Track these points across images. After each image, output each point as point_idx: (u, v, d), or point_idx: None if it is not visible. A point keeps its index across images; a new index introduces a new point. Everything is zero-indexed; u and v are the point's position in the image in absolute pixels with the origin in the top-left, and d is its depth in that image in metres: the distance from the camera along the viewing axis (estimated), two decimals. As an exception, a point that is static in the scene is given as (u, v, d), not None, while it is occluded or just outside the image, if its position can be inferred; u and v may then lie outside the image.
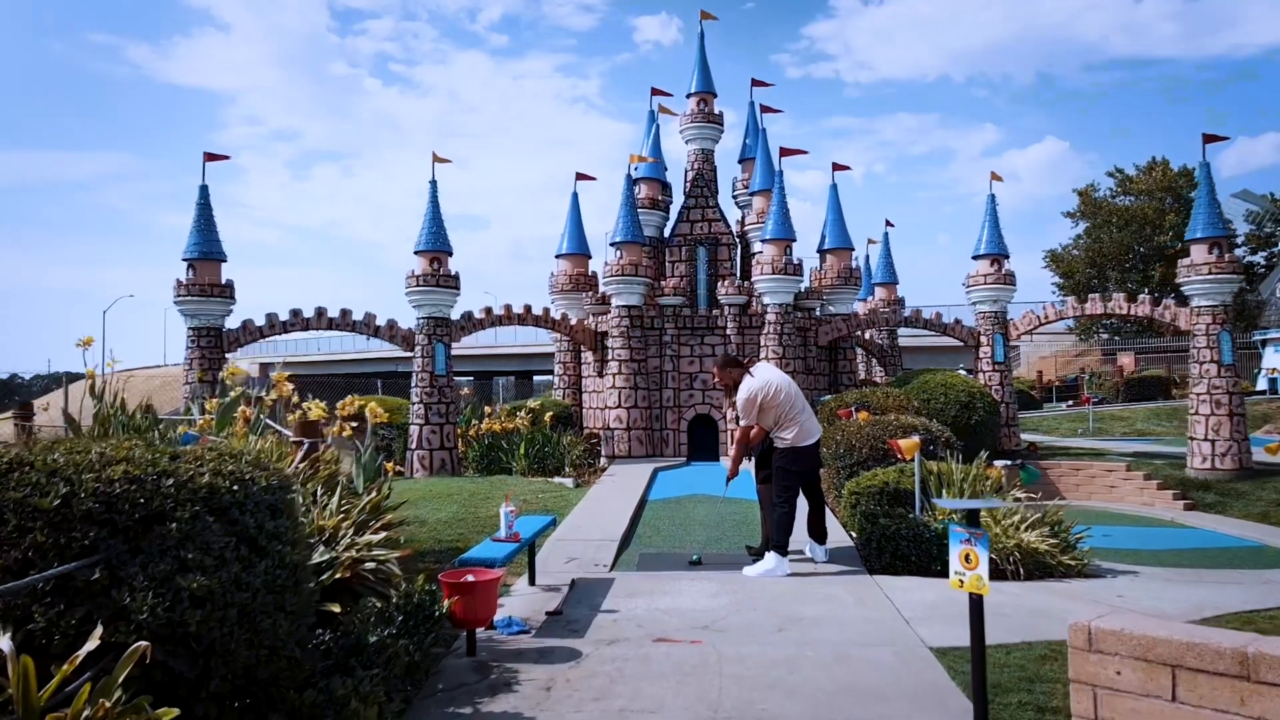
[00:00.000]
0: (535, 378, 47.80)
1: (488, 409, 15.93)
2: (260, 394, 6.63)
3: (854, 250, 17.31)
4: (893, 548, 6.68)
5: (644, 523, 8.65)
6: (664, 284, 15.55)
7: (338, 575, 4.19)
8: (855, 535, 7.45)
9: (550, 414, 14.30)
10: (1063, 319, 17.35)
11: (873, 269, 20.78)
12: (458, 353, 19.06)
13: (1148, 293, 14.23)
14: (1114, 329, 40.51)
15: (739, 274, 16.89)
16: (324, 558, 4.21)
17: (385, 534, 4.91)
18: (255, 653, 2.86)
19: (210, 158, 13.17)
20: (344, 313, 14.23)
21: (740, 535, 7.94)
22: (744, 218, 18.32)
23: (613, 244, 15.33)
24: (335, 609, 4.04)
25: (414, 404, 13.60)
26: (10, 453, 2.84)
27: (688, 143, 17.37)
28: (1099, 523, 9.41)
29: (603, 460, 13.90)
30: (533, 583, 6.21)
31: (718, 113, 17.38)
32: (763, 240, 15.21)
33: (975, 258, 15.37)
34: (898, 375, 16.62)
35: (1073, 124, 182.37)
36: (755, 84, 18.47)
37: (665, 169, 17.86)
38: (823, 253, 17.19)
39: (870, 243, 21.67)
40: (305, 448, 5.42)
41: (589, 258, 17.22)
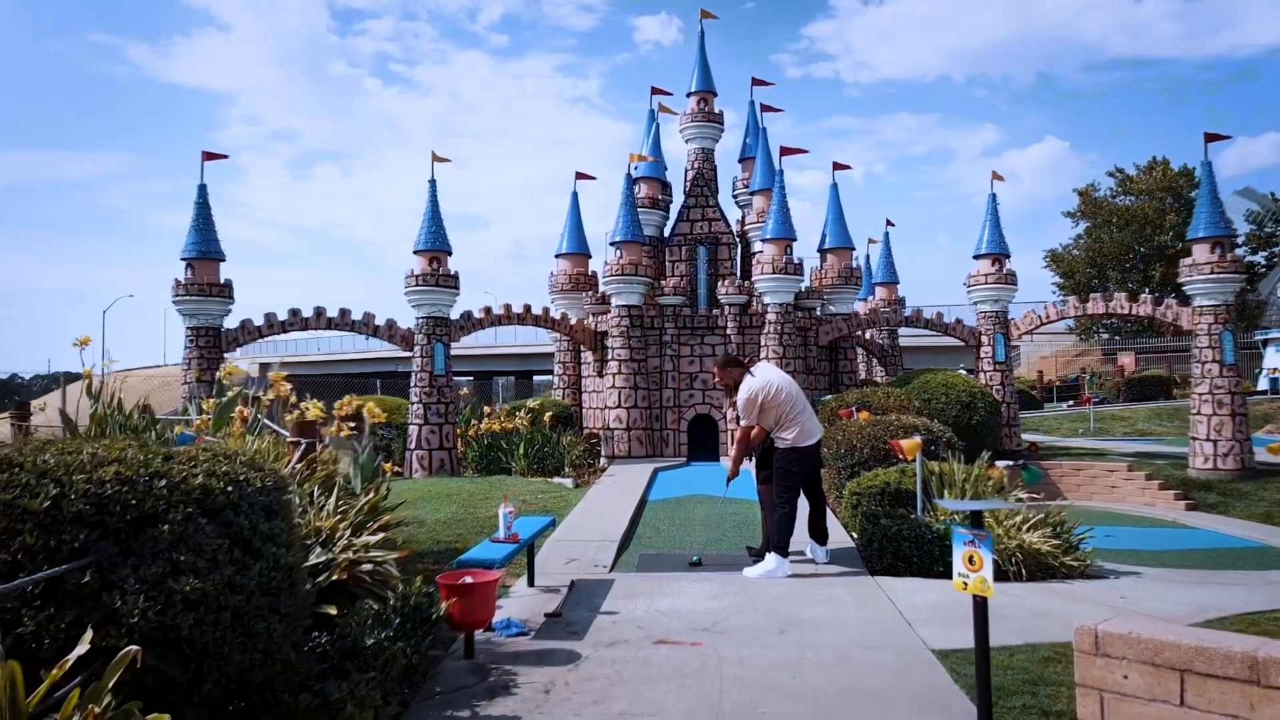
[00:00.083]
0: (535, 378, 47.76)
1: (487, 409, 15.89)
2: (258, 394, 6.59)
3: (854, 250, 17.27)
4: (894, 549, 6.63)
5: (644, 523, 8.61)
6: (664, 284, 15.51)
7: (334, 577, 4.15)
8: (856, 536, 7.41)
9: (550, 414, 14.26)
10: (1064, 319, 17.33)
11: (873, 269, 20.73)
12: (457, 353, 19.01)
13: (1148, 292, 14.16)
14: (1114, 329, 40.46)
15: (739, 274, 16.85)
16: (320, 559, 4.18)
17: (383, 535, 4.88)
18: (249, 656, 2.82)
19: (208, 157, 13.13)
20: (343, 312, 14.19)
21: (740, 536, 7.89)
22: (744, 217, 18.27)
23: (613, 243, 15.28)
24: (332, 611, 4.00)
25: (413, 404, 13.56)
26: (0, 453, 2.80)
27: (688, 142, 17.32)
28: (1101, 523, 9.36)
29: (602, 460, 13.86)
30: (532, 584, 6.17)
31: (718, 112, 17.33)
32: (763, 240, 15.17)
33: (976, 257, 15.34)
34: (898, 375, 16.58)
35: (1073, 124, 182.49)
36: (755, 83, 18.43)
37: (665, 168, 17.81)
38: (823, 252, 17.15)
39: (871, 242, 21.64)
40: (302, 448, 5.37)
41: (589, 257, 17.17)
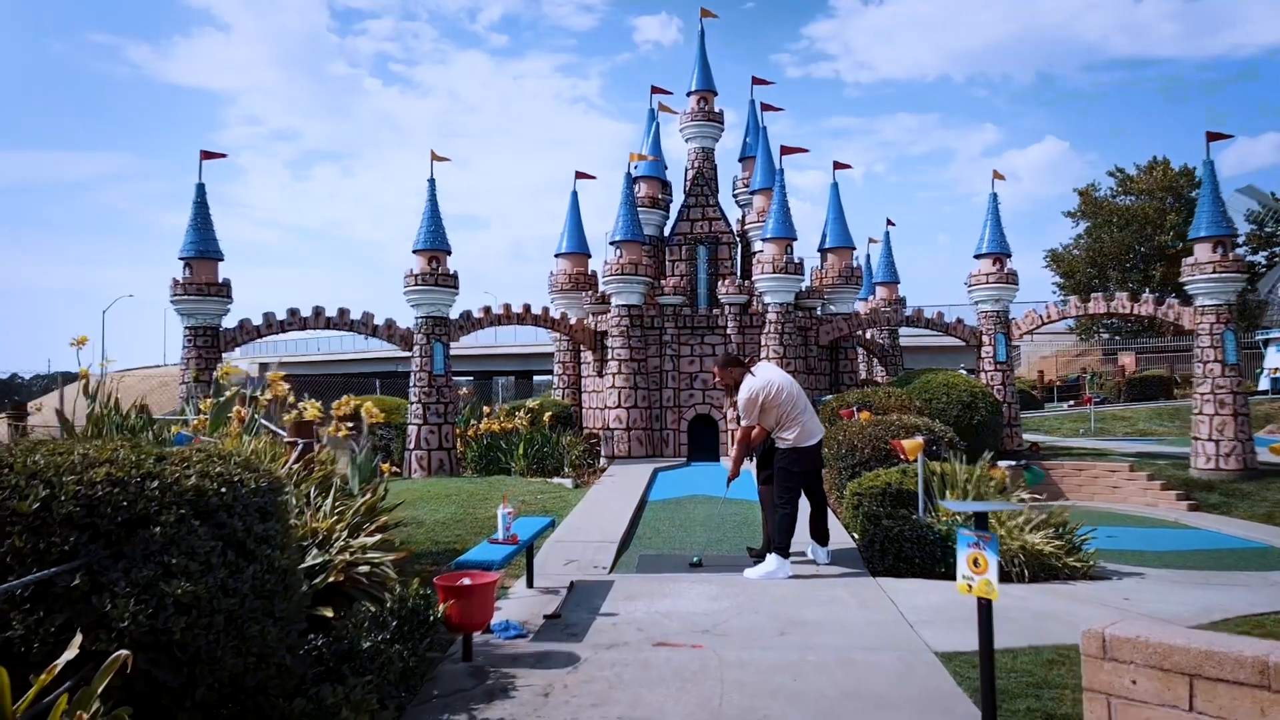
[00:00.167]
0: (535, 378, 47.71)
1: (486, 409, 15.85)
2: (255, 394, 6.54)
3: (855, 249, 17.21)
4: (896, 549, 6.59)
5: (644, 524, 8.56)
6: (664, 283, 15.46)
7: (331, 579, 4.11)
8: (857, 537, 7.36)
9: (549, 414, 14.21)
10: (1065, 318, 17.27)
11: (874, 268, 20.69)
12: (457, 352, 18.98)
13: (1149, 292, 14.13)
14: (1114, 329, 40.39)
15: (739, 273, 16.80)
16: (317, 561, 4.14)
17: (380, 536, 4.83)
18: (243, 660, 2.78)
19: (207, 156, 13.07)
20: (342, 312, 14.14)
21: (741, 536, 7.85)
22: (744, 216, 18.22)
23: (612, 243, 15.24)
24: (328, 613, 3.96)
25: (412, 404, 13.51)
26: (-11, 454, 2.76)
27: (688, 141, 17.27)
28: (1103, 523, 9.32)
29: (602, 460, 13.82)
30: (531, 585, 6.12)
31: (718, 111, 17.28)
32: (763, 239, 15.12)
33: (977, 256, 15.30)
34: (899, 375, 16.53)
35: (1073, 124, 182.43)
36: (756, 82, 18.38)
37: (665, 168, 17.75)
38: (824, 252, 17.10)
39: (871, 242, 21.59)
40: (299, 448, 5.33)
41: (589, 257, 17.12)
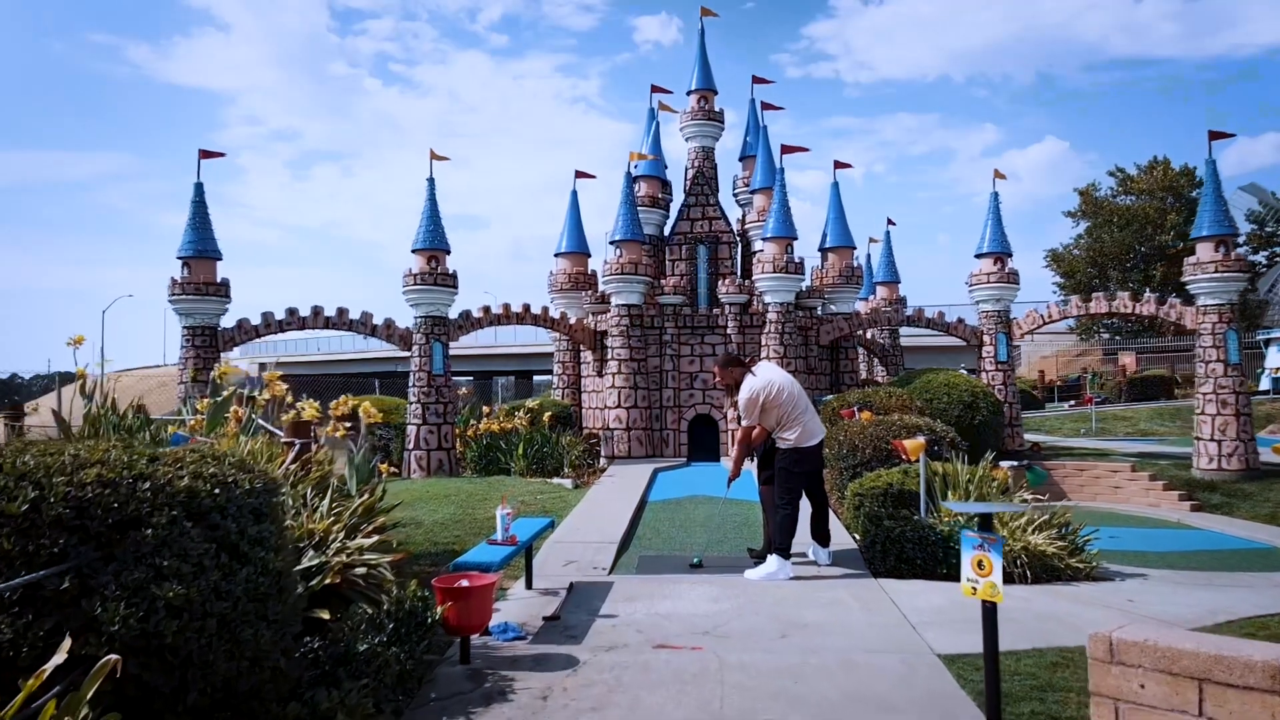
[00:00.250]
0: (535, 378, 47.67)
1: (486, 409, 15.80)
2: (253, 394, 6.50)
3: (855, 249, 17.18)
4: (898, 550, 6.54)
5: (643, 524, 8.52)
6: (664, 283, 15.41)
7: (327, 580, 4.06)
8: (859, 537, 7.32)
9: (549, 414, 14.17)
10: (1067, 318, 17.22)
11: (874, 268, 20.65)
12: (457, 352, 18.92)
13: (1150, 292, 14.09)
14: (1115, 329, 40.34)
15: (740, 273, 16.75)
16: (313, 562, 4.09)
17: (378, 537, 4.79)
18: (236, 664, 2.73)
19: (205, 155, 13.02)
20: (340, 312, 14.09)
21: (741, 537, 7.80)
22: (745, 216, 18.18)
23: (612, 242, 15.19)
24: (325, 616, 3.92)
25: (411, 404, 13.47)
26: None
27: (688, 140, 17.23)
28: (1105, 524, 9.26)
29: (602, 461, 13.77)
30: (530, 586, 6.07)
31: (718, 110, 17.24)
32: (764, 238, 15.07)
33: (978, 256, 15.25)
34: (900, 375, 16.49)
35: (1073, 124, 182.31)
36: (756, 81, 18.33)
37: (665, 167, 17.71)
38: (824, 251, 17.06)
39: (872, 241, 21.56)
40: (296, 449, 5.29)
41: (588, 256, 17.08)
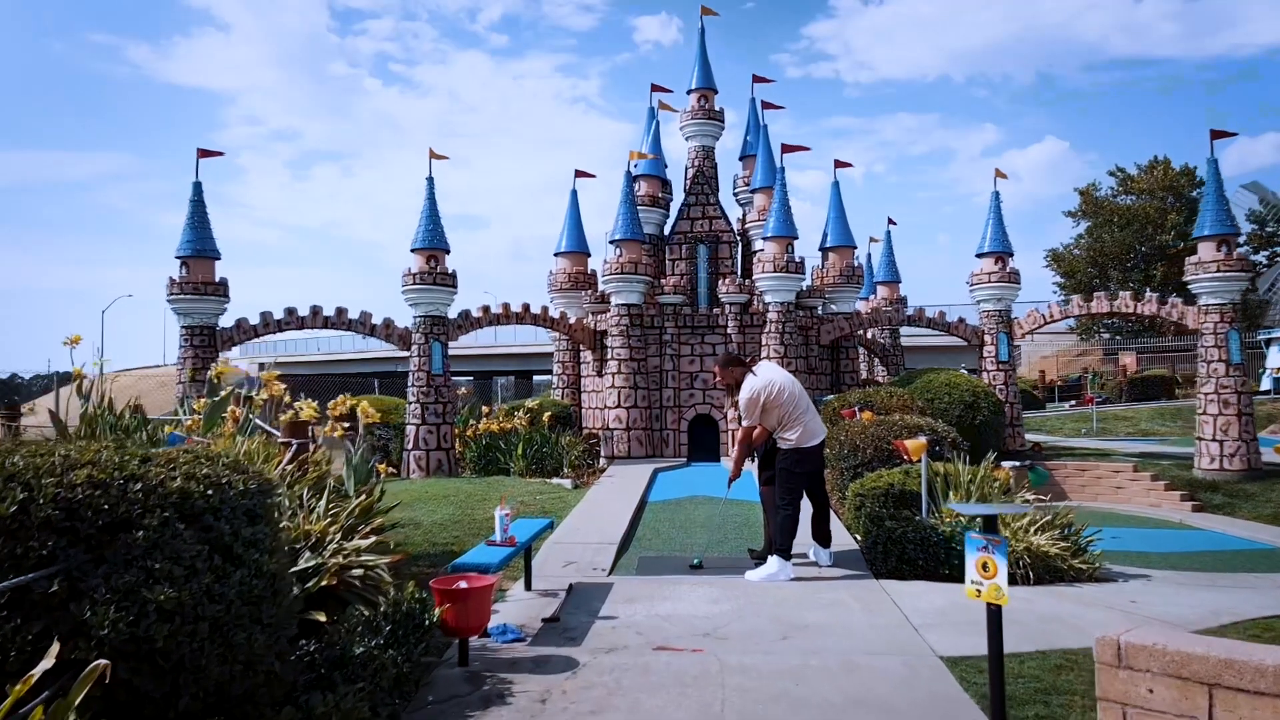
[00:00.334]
0: (535, 378, 47.61)
1: (485, 409, 15.76)
2: (251, 394, 6.45)
3: (856, 248, 17.13)
4: (899, 551, 6.50)
5: (643, 525, 8.48)
6: (664, 282, 15.37)
7: (324, 582, 4.02)
8: (860, 538, 7.28)
9: (549, 414, 14.13)
10: (1068, 318, 17.18)
11: (874, 268, 20.60)
12: (457, 352, 18.87)
13: (1151, 292, 14.03)
14: (1115, 329, 40.27)
15: (740, 272, 16.71)
16: (309, 564, 4.05)
17: (375, 538, 4.75)
18: (229, 669, 2.69)
19: (203, 154, 12.97)
20: (339, 311, 14.05)
21: (742, 538, 7.76)
22: (745, 215, 18.14)
23: (612, 241, 15.15)
24: (321, 618, 3.87)
25: (410, 404, 13.42)
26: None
27: (688, 139, 17.18)
28: (1106, 524, 9.20)
29: (602, 461, 13.73)
30: (529, 587, 6.03)
31: (718, 109, 17.19)
32: (764, 238, 15.03)
33: (979, 255, 15.21)
34: (901, 375, 16.44)
35: (1073, 124, 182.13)
36: (756, 80, 18.28)
37: (665, 166, 17.66)
38: (825, 251, 17.02)
39: (872, 241, 21.52)
40: (294, 449, 5.24)
41: (588, 256, 17.02)
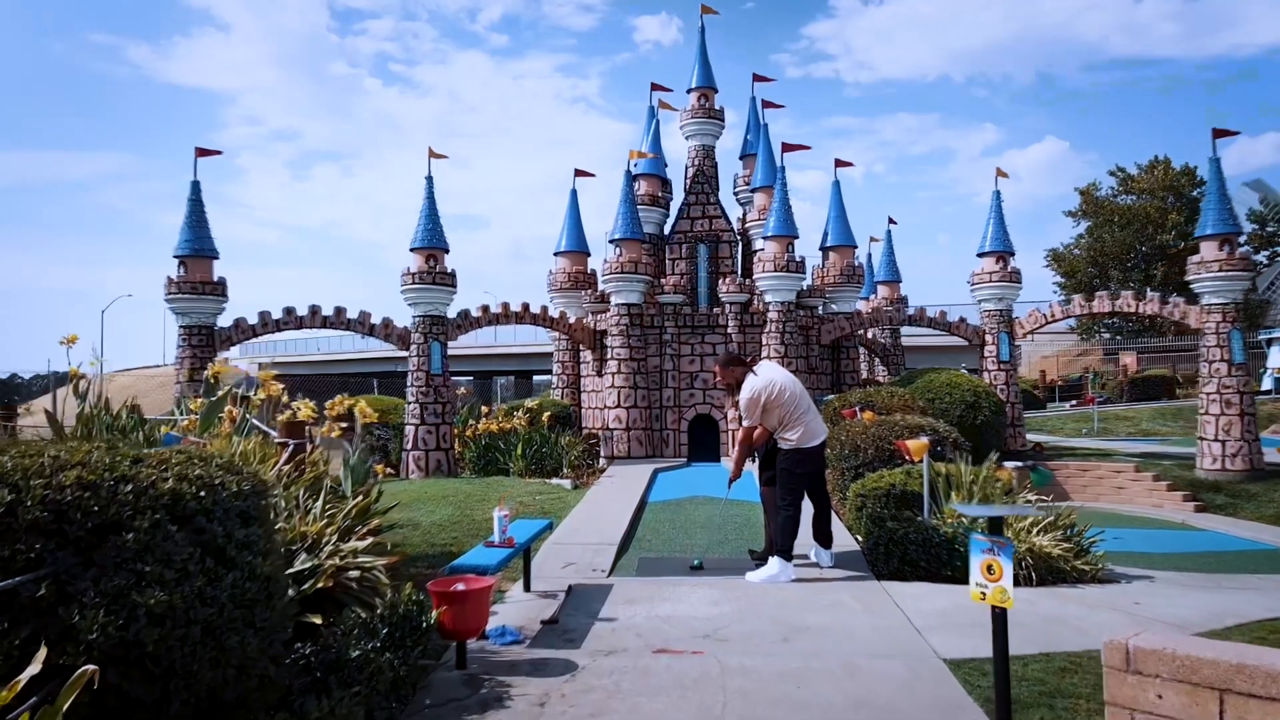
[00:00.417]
0: (535, 377, 47.57)
1: (485, 409, 15.71)
2: (248, 394, 6.40)
3: (857, 248, 17.08)
4: (901, 552, 6.44)
5: (643, 526, 8.43)
6: (664, 282, 15.32)
7: (320, 584, 3.97)
8: (861, 539, 7.23)
9: (548, 414, 14.08)
10: (1069, 317, 17.12)
11: (875, 267, 20.56)
12: (457, 352, 18.83)
13: (1151, 291, 13.98)
14: (1115, 328, 40.23)
15: (740, 272, 16.65)
16: (305, 566, 4.00)
17: (372, 540, 4.70)
18: (221, 673, 2.64)
19: (201, 153, 12.93)
20: (338, 311, 14.01)
21: (743, 538, 7.71)
22: (745, 215, 18.09)
23: (612, 241, 15.10)
24: (317, 620, 3.83)
25: (409, 404, 13.38)
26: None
27: (688, 139, 17.14)
28: (1108, 525, 9.14)
29: (601, 461, 13.68)
30: (528, 589, 5.98)
31: (718, 108, 17.14)
32: (764, 237, 14.98)
33: (980, 255, 15.17)
34: (901, 374, 16.39)
35: (1073, 124, 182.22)
36: (757, 79, 18.24)
37: (665, 165, 17.62)
38: (825, 250, 16.96)
39: (873, 241, 21.48)
40: (290, 449, 5.19)
41: (588, 255, 16.98)
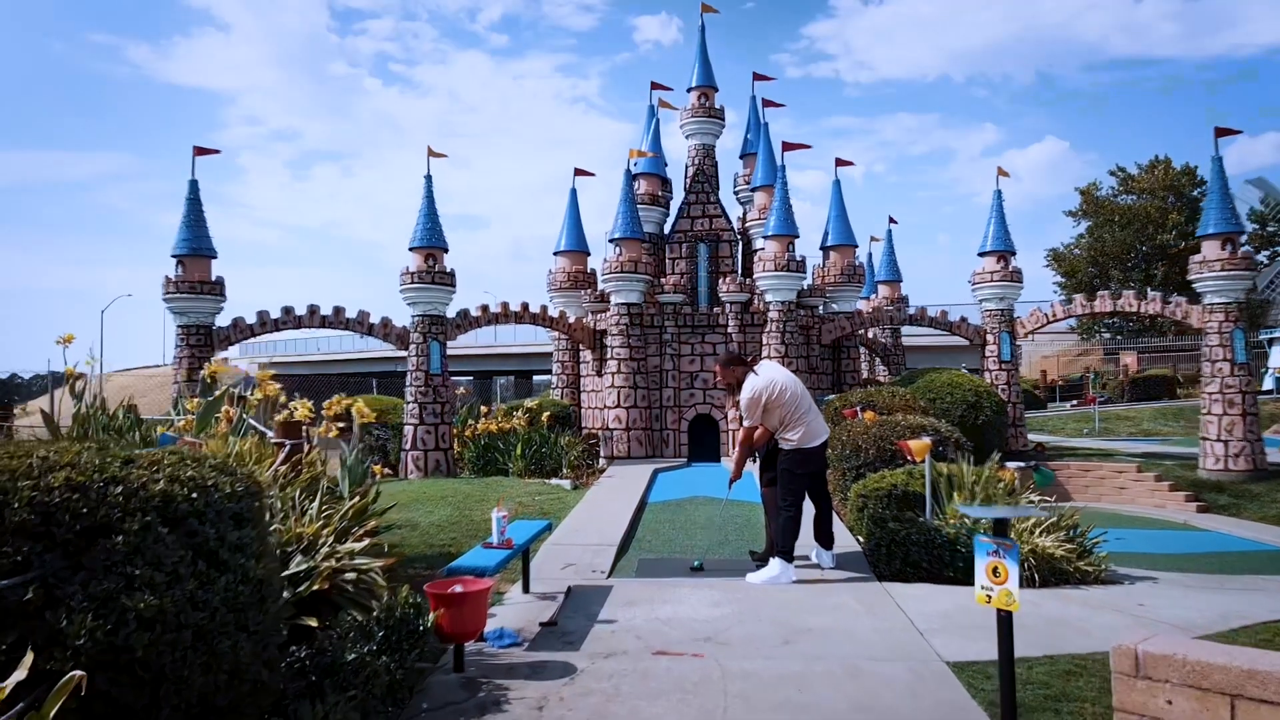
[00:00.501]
0: (535, 377, 47.55)
1: (484, 409, 15.67)
2: (245, 394, 6.36)
3: (857, 247, 17.03)
4: (903, 553, 6.39)
5: (643, 526, 8.39)
6: (664, 281, 15.28)
7: (315, 586, 3.92)
8: (863, 540, 7.18)
9: (548, 414, 14.04)
10: (1071, 316, 17.07)
11: (875, 267, 20.51)
12: (457, 352, 18.79)
13: (1153, 291, 13.94)
14: (1116, 328, 40.17)
15: (740, 271, 16.60)
16: (301, 568, 3.95)
17: (369, 541, 4.65)
18: (213, 678, 2.59)
19: (200, 151, 12.88)
20: (337, 310, 13.96)
21: (743, 539, 7.67)
22: (745, 214, 18.05)
23: (612, 240, 15.05)
24: (313, 623, 3.78)
25: (408, 404, 13.34)
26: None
27: (688, 138, 17.09)
28: (1111, 525, 9.10)
29: (601, 461, 13.63)
30: (527, 590, 5.94)
31: (719, 107, 17.10)
32: (765, 236, 14.94)
33: (981, 254, 15.11)
34: (902, 374, 16.35)
35: (1073, 124, 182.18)
36: (757, 78, 18.21)
37: (665, 164, 17.58)
38: (826, 249, 16.92)
39: (873, 240, 21.44)
40: (287, 449, 5.14)
41: (588, 255, 16.93)
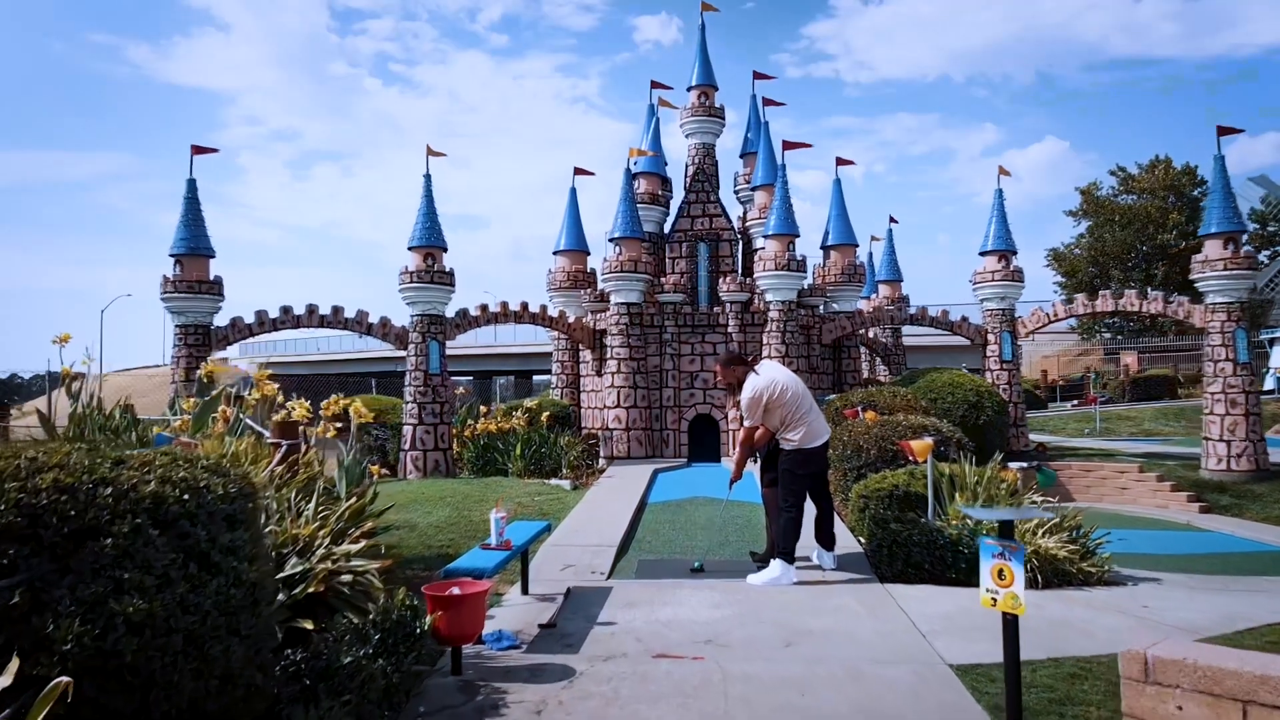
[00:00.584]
0: (535, 377, 47.51)
1: (484, 409, 15.62)
2: (242, 393, 6.31)
3: (858, 247, 16.99)
4: (905, 554, 6.35)
5: (643, 527, 8.34)
6: (664, 281, 15.23)
7: (311, 589, 3.88)
8: (864, 541, 7.13)
9: (548, 414, 13.99)
10: (1072, 316, 17.02)
11: (876, 266, 20.46)
12: (456, 352, 18.74)
13: (1154, 290, 13.89)
14: (1116, 328, 40.12)
15: (741, 270, 16.55)
16: (297, 570, 3.91)
17: (366, 542, 4.60)
18: (204, 683, 2.54)
19: (197, 150, 12.84)
20: (335, 310, 13.91)
21: (744, 540, 7.62)
22: (745, 213, 17.99)
23: (612, 240, 15.00)
24: (308, 626, 3.73)
25: (407, 403, 13.29)
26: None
27: (688, 137, 17.04)
28: (1113, 525, 9.04)
29: (601, 461, 13.58)
30: (526, 592, 5.89)
31: (719, 106, 17.05)
32: (765, 236, 14.89)
33: (982, 254, 15.06)
34: (903, 374, 16.30)
35: (1073, 124, 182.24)
36: (757, 77, 18.17)
37: (665, 164, 17.53)
38: (826, 249, 16.87)
39: (874, 240, 21.39)
40: (283, 450, 5.10)
41: (588, 254, 16.89)
